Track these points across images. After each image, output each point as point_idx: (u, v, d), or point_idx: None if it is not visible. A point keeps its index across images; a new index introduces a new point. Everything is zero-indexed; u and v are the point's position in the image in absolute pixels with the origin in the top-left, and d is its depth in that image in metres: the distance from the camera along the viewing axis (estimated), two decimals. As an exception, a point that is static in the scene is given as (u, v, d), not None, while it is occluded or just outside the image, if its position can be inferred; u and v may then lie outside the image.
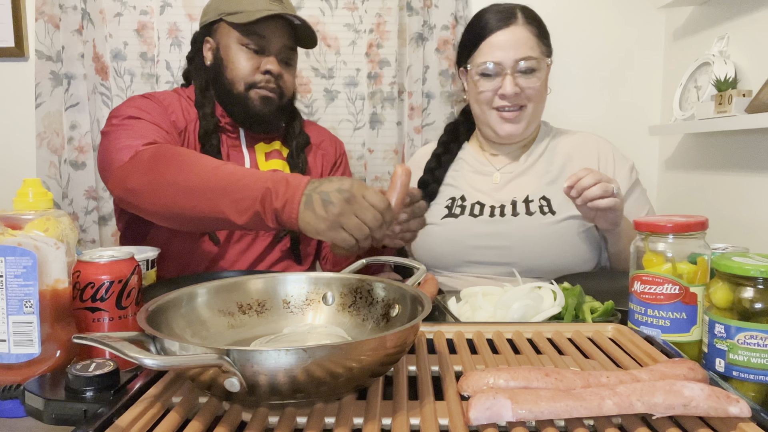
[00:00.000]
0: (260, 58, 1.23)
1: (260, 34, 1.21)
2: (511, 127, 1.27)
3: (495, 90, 1.24)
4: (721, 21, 1.69)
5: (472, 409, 0.48)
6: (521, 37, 1.23)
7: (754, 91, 1.45)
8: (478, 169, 1.34)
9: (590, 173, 1.05)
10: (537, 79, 1.24)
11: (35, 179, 0.68)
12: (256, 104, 1.23)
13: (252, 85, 1.23)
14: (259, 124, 1.26)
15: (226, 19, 1.21)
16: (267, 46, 1.22)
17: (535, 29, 1.25)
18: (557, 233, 1.21)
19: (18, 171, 1.91)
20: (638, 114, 2.01)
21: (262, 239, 1.27)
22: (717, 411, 0.48)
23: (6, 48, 1.88)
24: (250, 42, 1.22)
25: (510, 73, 1.22)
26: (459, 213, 1.28)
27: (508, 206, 1.26)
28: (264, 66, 1.22)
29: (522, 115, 1.26)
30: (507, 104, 1.25)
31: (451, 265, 1.28)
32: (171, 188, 0.96)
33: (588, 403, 0.48)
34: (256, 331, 0.68)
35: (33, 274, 0.62)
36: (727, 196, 1.67)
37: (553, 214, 1.23)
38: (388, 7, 1.92)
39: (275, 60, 1.23)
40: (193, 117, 1.25)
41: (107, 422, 0.48)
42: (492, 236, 1.24)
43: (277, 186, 0.87)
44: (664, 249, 0.72)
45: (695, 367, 0.54)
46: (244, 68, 1.22)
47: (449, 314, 0.86)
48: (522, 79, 1.23)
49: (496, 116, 1.27)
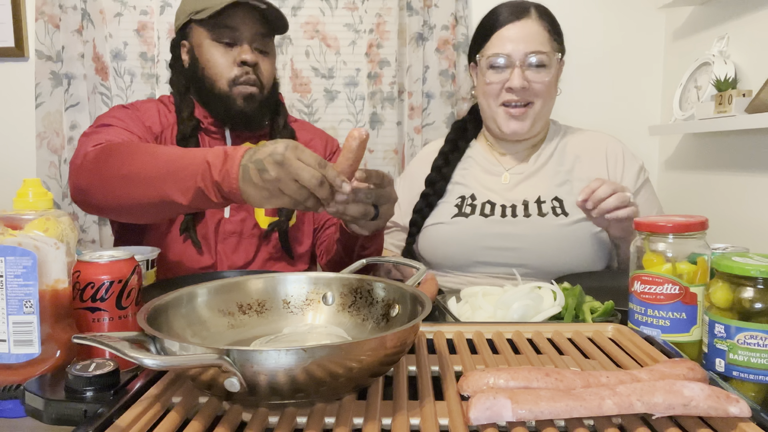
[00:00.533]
0: (234, 50, 1.21)
1: (229, 25, 1.19)
2: (517, 124, 1.25)
3: (503, 83, 1.23)
4: (721, 21, 1.69)
5: (473, 408, 0.48)
6: (533, 31, 1.22)
7: (754, 91, 1.45)
8: (487, 168, 1.33)
9: (603, 183, 1.03)
10: (546, 74, 1.22)
11: (35, 179, 0.68)
12: (239, 103, 1.21)
13: (234, 82, 1.21)
14: (243, 122, 1.25)
15: (194, 18, 1.20)
16: (238, 37, 1.20)
17: (548, 25, 1.24)
18: (570, 235, 1.19)
19: (18, 171, 1.91)
20: (638, 114, 2.01)
21: (249, 238, 1.26)
22: (717, 411, 0.48)
23: (6, 48, 1.88)
24: (221, 35, 1.20)
25: (519, 66, 1.21)
26: (469, 212, 1.26)
27: (519, 206, 1.24)
28: (239, 57, 1.20)
29: (528, 112, 1.24)
30: (514, 99, 1.23)
31: (461, 265, 1.26)
32: (118, 181, 0.96)
33: (588, 403, 0.48)
34: (256, 331, 0.68)
35: (33, 274, 0.62)
36: (727, 196, 1.67)
37: (566, 215, 1.21)
38: (388, 7, 1.92)
39: (249, 49, 1.21)
40: (171, 121, 1.25)
41: (107, 422, 0.48)
42: (503, 237, 1.22)
43: (216, 160, 0.86)
44: (664, 249, 0.72)
45: (695, 367, 0.54)
46: (220, 64, 1.20)
47: (449, 314, 0.86)
48: (531, 73, 1.21)
49: (503, 112, 1.25)
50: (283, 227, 1.26)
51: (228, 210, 1.24)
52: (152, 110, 1.26)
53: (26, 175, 1.82)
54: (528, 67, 1.22)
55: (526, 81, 1.21)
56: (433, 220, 1.30)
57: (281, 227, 1.26)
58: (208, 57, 1.21)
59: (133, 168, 0.94)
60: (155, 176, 0.91)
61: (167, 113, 1.26)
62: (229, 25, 1.19)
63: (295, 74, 1.95)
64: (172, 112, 1.26)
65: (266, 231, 1.26)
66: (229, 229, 1.24)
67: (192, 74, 1.25)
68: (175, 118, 1.25)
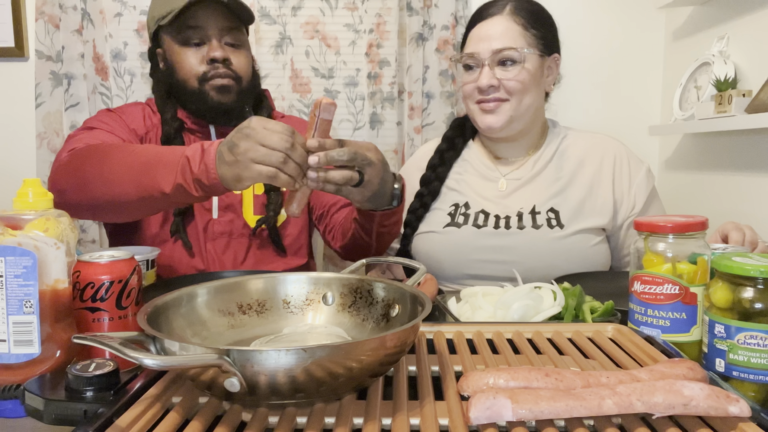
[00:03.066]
0: (203, 48, 1.20)
1: (193, 25, 1.19)
2: (491, 118, 1.20)
3: (475, 82, 1.20)
4: (721, 21, 1.69)
5: (473, 408, 0.48)
6: (501, 28, 1.18)
7: (754, 91, 1.45)
8: (483, 173, 1.29)
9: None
10: (518, 70, 1.18)
11: (35, 179, 0.68)
12: (213, 96, 1.20)
13: (203, 78, 1.20)
14: (222, 115, 1.23)
15: (161, 24, 1.20)
16: (205, 35, 1.20)
17: (523, 20, 1.19)
18: (565, 248, 1.16)
19: (18, 171, 1.91)
20: (638, 114, 2.01)
21: (239, 238, 1.25)
22: (717, 410, 0.48)
23: (6, 48, 1.89)
24: (188, 37, 1.19)
25: (488, 65, 1.18)
26: (462, 222, 1.22)
27: (513, 218, 1.20)
28: (208, 55, 1.19)
29: (503, 106, 1.20)
30: (486, 98, 1.20)
31: (452, 276, 1.23)
32: (95, 181, 0.97)
33: (588, 402, 0.48)
34: (256, 331, 0.68)
35: (33, 274, 0.62)
36: (727, 196, 1.67)
37: (561, 227, 1.18)
38: (388, 7, 1.92)
39: (218, 45, 1.20)
40: (156, 123, 1.26)
41: (107, 422, 0.48)
42: (496, 249, 1.19)
43: (194, 155, 0.88)
44: (664, 249, 0.72)
45: (694, 366, 0.54)
46: (189, 64, 1.20)
47: (449, 314, 0.86)
48: (500, 70, 1.18)
49: (478, 109, 1.22)
50: (271, 222, 1.25)
51: (216, 211, 1.24)
52: (137, 113, 1.27)
53: (26, 175, 1.82)
54: (498, 64, 1.19)
55: (495, 79, 1.18)
56: (425, 227, 1.27)
57: (269, 222, 1.25)
58: (178, 59, 1.21)
59: (110, 166, 0.96)
60: (134, 172, 0.93)
61: (152, 115, 1.27)
62: (194, 25, 1.19)
63: (295, 74, 1.95)
64: (157, 114, 1.27)
65: (254, 228, 1.25)
66: (218, 229, 1.24)
67: (168, 79, 1.25)
68: (159, 119, 1.26)
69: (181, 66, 1.21)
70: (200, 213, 1.23)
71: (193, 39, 1.20)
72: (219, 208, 1.24)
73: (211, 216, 1.24)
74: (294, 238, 1.31)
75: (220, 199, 1.24)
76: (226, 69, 1.20)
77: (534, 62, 1.20)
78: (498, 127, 1.21)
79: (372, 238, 1.11)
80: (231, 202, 1.25)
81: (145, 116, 1.26)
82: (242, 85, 1.24)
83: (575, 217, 1.19)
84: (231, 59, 1.21)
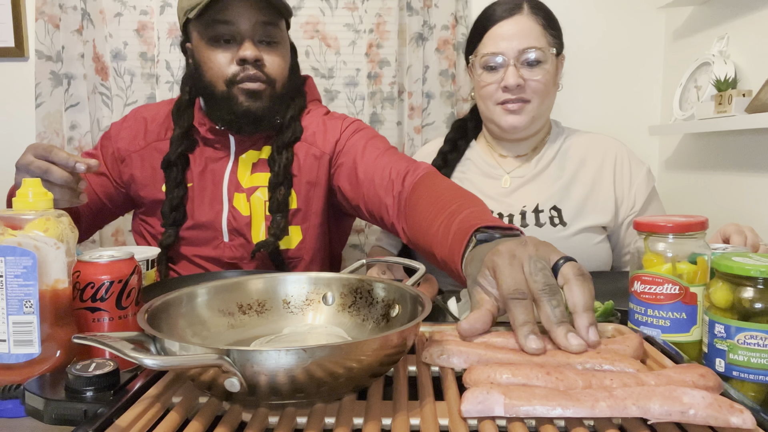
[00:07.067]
0: (234, 47, 1.08)
1: (222, 20, 1.05)
2: (515, 118, 1.21)
3: (498, 83, 1.20)
4: (721, 21, 1.69)
5: (464, 402, 0.48)
6: (525, 27, 1.18)
7: (754, 91, 1.45)
8: (486, 171, 1.29)
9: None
10: (543, 71, 1.19)
11: (35, 179, 0.68)
12: (242, 101, 1.08)
13: (232, 81, 1.08)
14: (250, 123, 1.11)
15: (189, 16, 1.07)
16: (237, 32, 1.07)
17: (542, 20, 1.20)
18: (569, 247, 1.16)
19: (18, 171, 1.91)
20: (638, 114, 2.01)
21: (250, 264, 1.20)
22: (717, 420, 0.46)
23: (6, 48, 1.88)
24: (217, 32, 1.07)
25: (513, 64, 1.18)
26: None
27: (516, 216, 1.21)
28: (238, 55, 1.07)
29: (526, 107, 1.21)
30: (510, 98, 1.19)
31: None
32: None
33: (582, 403, 0.47)
34: (256, 331, 0.68)
35: (33, 274, 0.62)
36: (727, 196, 1.67)
37: (564, 225, 1.18)
38: (388, 7, 1.92)
39: (250, 44, 1.07)
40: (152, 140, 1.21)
41: (107, 422, 0.48)
42: None
43: None
44: (664, 249, 0.72)
45: (707, 374, 0.52)
46: (217, 64, 1.08)
47: (449, 314, 0.86)
48: (526, 71, 1.18)
49: (500, 110, 1.22)
50: (270, 248, 1.12)
51: (227, 234, 1.18)
52: (126, 131, 1.23)
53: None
54: (523, 64, 1.19)
55: (521, 79, 1.18)
56: None
57: (267, 247, 1.12)
58: (205, 57, 1.10)
59: None
60: None
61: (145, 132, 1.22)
62: (223, 20, 1.06)
63: (295, 74, 1.94)
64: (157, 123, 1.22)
65: (253, 252, 1.13)
66: (228, 254, 1.19)
67: (194, 78, 1.15)
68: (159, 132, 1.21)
69: (208, 67, 1.10)
70: (211, 236, 1.18)
71: (223, 36, 1.07)
72: (229, 232, 1.18)
73: (222, 239, 1.19)
74: (306, 265, 1.21)
75: (228, 222, 1.18)
76: (258, 71, 1.08)
77: (553, 62, 1.21)
78: (521, 126, 1.22)
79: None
80: (238, 226, 1.18)
81: (137, 135, 1.21)
82: (276, 89, 1.11)
83: (578, 215, 1.19)
84: (264, 60, 1.09)
